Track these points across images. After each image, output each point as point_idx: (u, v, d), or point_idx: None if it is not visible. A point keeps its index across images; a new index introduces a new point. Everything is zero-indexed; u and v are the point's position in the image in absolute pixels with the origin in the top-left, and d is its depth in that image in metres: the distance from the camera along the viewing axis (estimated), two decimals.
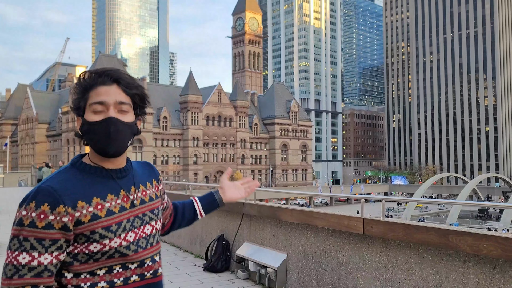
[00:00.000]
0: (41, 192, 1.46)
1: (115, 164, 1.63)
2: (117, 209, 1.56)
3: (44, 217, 1.42)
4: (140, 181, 1.71)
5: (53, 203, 1.44)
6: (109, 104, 1.55)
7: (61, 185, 1.49)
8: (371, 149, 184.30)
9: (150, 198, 1.71)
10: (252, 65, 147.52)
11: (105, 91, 1.56)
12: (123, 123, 1.57)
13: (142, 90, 1.65)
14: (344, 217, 5.02)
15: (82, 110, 1.58)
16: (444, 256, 3.96)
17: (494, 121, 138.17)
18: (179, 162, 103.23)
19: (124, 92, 1.59)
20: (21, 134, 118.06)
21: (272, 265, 6.09)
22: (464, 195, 64.07)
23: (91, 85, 1.57)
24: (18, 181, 42.32)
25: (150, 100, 1.71)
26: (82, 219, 1.48)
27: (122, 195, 1.60)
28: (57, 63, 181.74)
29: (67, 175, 1.55)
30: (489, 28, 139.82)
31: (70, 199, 1.47)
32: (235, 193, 2.12)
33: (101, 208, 1.52)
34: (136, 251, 1.59)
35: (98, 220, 1.50)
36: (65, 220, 1.45)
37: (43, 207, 1.43)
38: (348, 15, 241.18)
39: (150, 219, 1.67)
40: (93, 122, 1.54)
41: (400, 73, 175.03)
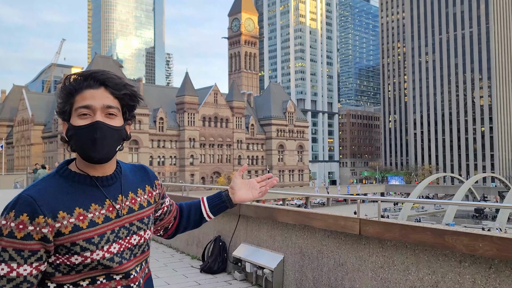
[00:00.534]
0: (21, 202, 1.40)
1: (101, 171, 1.56)
2: (100, 220, 1.49)
3: (23, 227, 1.37)
4: (130, 188, 1.63)
5: (32, 213, 1.38)
6: (96, 108, 1.48)
7: (42, 195, 1.43)
8: (368, 150, 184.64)
9: (140, 206, 1.64)
10: (249, 66, 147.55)
11: (91, 94, 1.49)
12: (111, 128, 1.50)
13: (131, 88, 1.57)
14: (340, 217, 5.02)
15: (67, 115, 1.52)
16: (440, 256, 3.97)
17: (489, 121, 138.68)
18: (176, 163, 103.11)
19: (112, 95, 1.52)
20: (16, 136, 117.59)
21: (269, 266, 6.09)
22: (460, 195, 64.25)
23: (76, 89, 1.50)
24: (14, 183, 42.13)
25: (143, 98, 1.64)
26: (62, 230, 1.42)
27: (107, 205, 1.53)
28: (52, 64, 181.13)
29: (50, 183, 1.49)
30: (484, 29, 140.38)
31: (50, 209, 1.41)
32: (247, 193, 1.93)
33: (83, 219, 1.45)
34: (121, 263, 1.52)
35: (79, 232, 1.43)
36: (45, 231, 1.39)
37: (22, 217, 1.38)
38: (344, 15, 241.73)
39: (138, 229, 1.60)
40: (79, 127, 1.48)
41: (396, 73, 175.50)
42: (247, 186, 1.93)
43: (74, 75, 1.54)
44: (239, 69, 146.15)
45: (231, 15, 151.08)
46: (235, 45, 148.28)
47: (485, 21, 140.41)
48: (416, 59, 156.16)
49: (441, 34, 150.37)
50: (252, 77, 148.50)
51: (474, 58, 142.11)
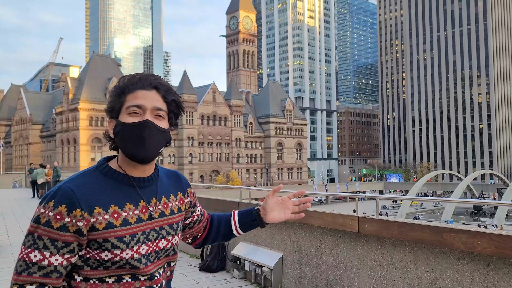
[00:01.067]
0: (61, 193, 1.45)
1: (141, 171, 1.59)
2: (133, 220, 1.52)
3: (60, 218, 1.42)
4: (164, 193, 1.66)
5: (71, 206, 1.43)
6: (146, 108, 1.53)
7: (81, 189, 1.47)
8: (366, 147, 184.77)
9: (171, 212, 1.66)
10: (247, 64, 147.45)
11: (143, 95, 1.54)
12: (158, 128, 1.54)
13: (179, 97, 1.63)
14: (339, 215, 5.02)
15: (116, 112, 1.56)
16: (439, 253, 3.98)
17: (488, 118, 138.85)
18: (174, 162, 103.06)
19: (162, 98, 1.57)
20: (14, 135, 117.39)
21: (267, 264, 6.09)
22: (458, 192, 64.33)
23: (129, 88, 1.55)
24: (12, 182, 42.11)
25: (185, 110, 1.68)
26: (96, 225, 1.45)
27: (141, 206, 1.56)
28: (50, 63, 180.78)
29: (89, 178, 1.53)
30: (482, 26, 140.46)
31: (88, 204, 1.45)
32: (279, 215, 1.87)
33: (117, 216, 1.49)
34: (146, 265, 1.55)
35: (113, 229, 1.47)
36: (80, 224, 1.43)
37: (60, 208, 1.42)
38: (342, 13, 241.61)
39: (167, 234, 1.62)
40: (128, 124, 1.52)
41: (394, 71, 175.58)
42: (279, 206, 1.88)
43: (129, 76, 1.60)
44: (237, 68, 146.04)
45: (229, 13, 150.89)
46: (233, 43, 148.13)
47: (483, 18, 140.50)
48: (414, 57, 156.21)
49: (439, 32, 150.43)
50: (250, 75, 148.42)
51: (472, 55, 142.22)
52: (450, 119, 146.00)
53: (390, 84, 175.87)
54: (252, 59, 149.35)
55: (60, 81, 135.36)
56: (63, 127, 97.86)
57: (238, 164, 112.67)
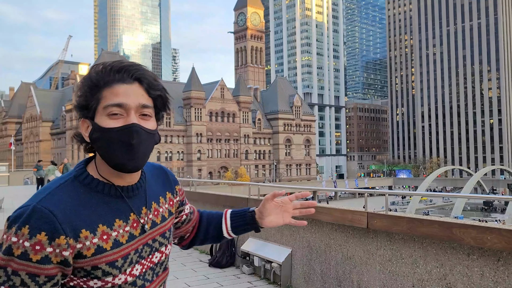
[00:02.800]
0: (37, 216, 1.13)
1: (127, 179, 1.31)
2: (125, 239, 1.25)
3: (40, 249, 1.11)
4: (153, 198, 1.40)
5: (52, 233, 1.12)
6: (130, 108, 1.23)
7: (62, 208, 1.16)
8: (375, 143, 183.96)
9: (162, 218, 1.41)
10: (255, 60, 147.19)
11: (124, 90, 1.23)
12: (147, 132, 1.25)
13: (165, 93, 1.33)
14: (348, 211, 5.03)
15: (91, 112, 1.24)
16: (448, 249, 3.97)
17: (498, 113, 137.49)
18: (183, 158, 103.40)
19: (146, 93, 1.26)
20: (25, 133, 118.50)
21: (277, 260, 6.12)
22: (468, 187, 63.89)
23: (106, 82, 1.23)
24: (24, 179, 42.54)
25: (171, 108, 1.40)
26: (84, 252, 1.18)
27: (132, 220, 1.29)
28: (60, 61, 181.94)
29: (68, 192, 1.22)
30: (493, 20, 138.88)
31: (72, 227, 1.16)
32: (277, 219, 1.61)
33: (107, 238, 1.21)
34: (143, 286, 1.29)
35: (103, 254, 1.20)
36: (66, 254, 1.14)
37: (39, 236, 1.11)
38: (350, 8, 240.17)
39: (160, 245, 1.37)
40: (110, 129, 1.21)
41: (403, 66, 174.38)
42: (278, 209, 1.61)
43: (103, 65, 1.27)
44: (245, 64, 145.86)
45: (237, 9, 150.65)
46: (241, 39, 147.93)
47: (493, 12, 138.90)
48: (424, 52, 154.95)
49: (448, 26, 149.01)
50: (258, 72, 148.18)
51: (482, 49, 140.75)
52: (460, 114, 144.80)
53: (399, 79, 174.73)
54: (260, 55, 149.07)
55: (70, 78, 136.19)
56: (72, 125, 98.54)
57: (246, 160, 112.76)
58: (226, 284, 6.33)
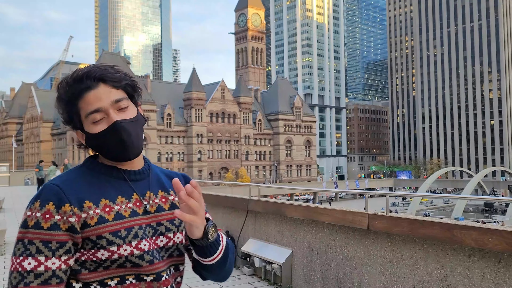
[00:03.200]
0: (46, 191, 1.30)
1: (130, 165, 1.44)
2: (127, 213, 1.35)
3: (49, 217, 1.26)
4: (160, 187, 1.49)
5: (59, 202, 1.28)
6: (107, 108, 1.35)
7: (67, 183, 1.33)
8: (376, 144, 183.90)
9: (172, 205, 1.47)
10: (255, 61, 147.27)
11: (94, 96, 1.34)
12: (131, 122, 1.38)
13: (130, 78, 1.43)
14: (348, 212, 5.03)
15: (78, 123, 1.39)
16: (449, 250, 3.97)
17: (499, 114, 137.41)
18: (184, 159, 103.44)
19: (114, 88, 1.38)
20: (26, 133, 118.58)
21: (277, 261, 6.12)
22: (469, 189, 63.84)
23: (75, 95, 1.36)
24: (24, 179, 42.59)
25: (142, 88, 1.46)
26: (88, 221, 1.29)
27: (135, 199, 1.40)
28: (61, 61, 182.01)
29: (75, 174, 1.39)
30: (493, 21, 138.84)
31: (77, 198, 1.30)
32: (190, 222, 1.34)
33: (109, 210, 1.33)
34: (152, 262, 1.35)
35: (105, 224, 1.31)
36: (72, 220, 1.28)
37: (48, 206, 1.27)
38: (351, 9, 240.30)
39: (167, 230, 1.42)
40: (99, 134, 1.35)
41: (404, 67, 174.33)
42: None
43: (65, 80, 1.40)
44: (246, 65, 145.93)
45: (237, 10, 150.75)
46: (241, 40, 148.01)
47: (494, 13, 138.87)
48: (424, 53, 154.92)
49: (449, 27, 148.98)
50: (259, 72, 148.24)
51: (483, 51, 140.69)
52: (461, 115, 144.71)
53: (399, 80, 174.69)
54: (261, 56, 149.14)
55: None
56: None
57: (247, 161, 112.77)
58: (226, 285, 6.32)
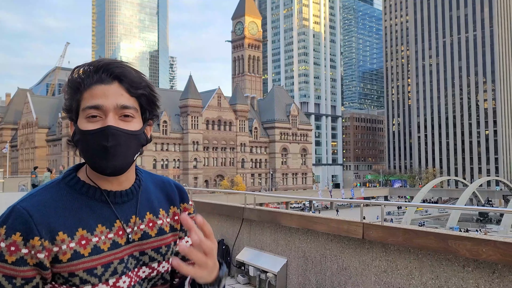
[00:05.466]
0: (14, 216, 1.10)
1: (117, 184, 1.23)
2: (106, 246, 1.16)
3: (15, 249, 1.07)
4: (149, 208, 1.28)
5: (27, 233, 1.08)
6: (108, 109, 1.16)
7: (40, 209, 1.12)
8: (371, 153, 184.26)
9: (160, 231, 1.28)
10: (252, 69, 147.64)
11: (102, 91, 1.17)
12: (126, 134, 1.18)
13: (150, 90, 1.23)
14: (343, 221, 5.03)
15: (75, 115, 1.21)
16: (444, 260, 3.97)
17: (494, 124, 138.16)
18: (179, 166, 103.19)
19: (127, 92, 1.19)
20: (21, 139, 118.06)
21: (272, 270, 6.09)
22: (464, 198, 63.96)
23: (85, 83, 1.18)
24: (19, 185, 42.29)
25: (160, 106, 1.28)
26: (60, 256, 1.11)
27: (117, 228, 1.20)
28: (57, 67, 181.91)
29: (51, 193, 1.17)
30: (488, 32, 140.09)
31: (48, 228, 1.10)
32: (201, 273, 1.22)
33: (85, 243, 1.13)
34: None
35: (80, 260, 1.12)
36: (41, 256, 1.09)
37: (14, 236, 1.08)
38: (348, 19, 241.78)
39: (150, 260, 1.24)
40: (86, 132, 1.16)
41: (399, 76, 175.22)
42: None
43: (84, 66, 1.23)
44: (243, 73, 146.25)
45: (234, 18, 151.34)
46: (238, 48, 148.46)
47: (489, 24, 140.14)
48: (420, 62, 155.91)
49: (444, 37, 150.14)
50: (255, 80, 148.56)
51: (478, 61, 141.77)
52: (456, 125, 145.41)
53: (395, 89, 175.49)
54: (258, 64, 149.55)
55: None
56: (69, 131, 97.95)
57: (242, 169, 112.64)
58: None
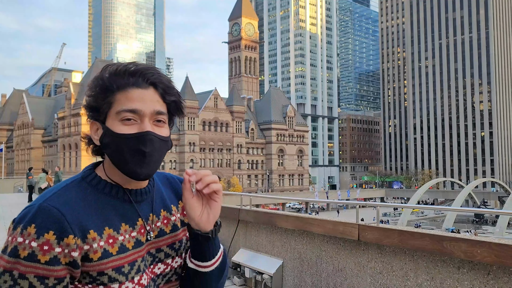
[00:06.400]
0: (44, 214, 1.07)
1: (135, 183, 1.24)
2: (131, 245, 1.18)
3: (48, 249, 1.04)
4: (163, 205, 1.31)
5: (61, 232, 1.06)
6: (145, 114, 1.17)
7: (69, 208, 1.11)
8: (368, 154, 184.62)
9: (174, 227, 1.30)
10: (249, 70, 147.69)
11: (139, 95, 1.17)
12: (161, 140, 1.20)
13: (180, 98, 1.27)
14: (339, 223, 5.03)
15: (103, 115, 1.19)
16: (439, 262, 3.98)
17: (489, 126, 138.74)
18: (176, 168, 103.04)
19: (161, 98, 1.21)
20: (16, 140, 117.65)
21: (268, 271, 6.09)
22: (460, 200, 64.16)
23: (119, 85, 1.18)
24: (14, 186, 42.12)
25: (184, 111, 1.31)
26: (90, 255, 1.10)
27: (139, 226, 1.22)
28: (53, 68, 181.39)
29: (75, 192, 1.16)
30: (484, 34, 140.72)
31: (80, 227, 1.10)
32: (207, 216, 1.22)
33: (113, 242, 1.14)
34: None
35: (109, 259, 1.12)
36: (75, 255, 1.08)
37: (47, 235, 1.05)
38: (344, 20, 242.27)
39: (166, 256, 1.26)
40: (122, 135, 1.15)
41: (396, 78, 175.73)
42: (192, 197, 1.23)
43: (117, 67, 1.21)
44: (239, 74, 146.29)
45: (231, 19, 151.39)
46: (235, 49, 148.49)
47: (485, 26, 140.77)
48: (416, 64, 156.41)
49: (441, 39, 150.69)
50: (252, 82, 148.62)
51: (474, 63, 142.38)
52: (452, 126, 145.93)
53: (391, 91, 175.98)
54: (254, 66, 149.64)
55: (63, 86, 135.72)
56: (65, 132, 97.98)
57: (239, 170, 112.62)
58: None
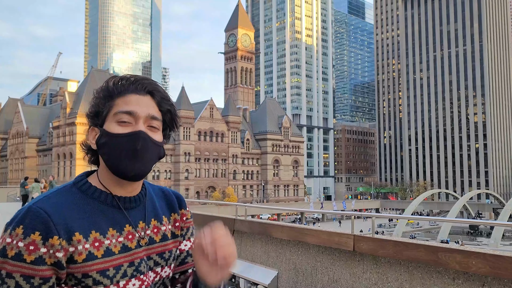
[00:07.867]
0: (31, 216, 1.13)
1: (127, 190, 1.30)
2: (117, 249, 1.22)
3: (34, 249, 1.10)
4: (154, 215, 1.36)
5: (46, 232, 1.12)
6: (140, 116, 1.25)
7: (57, 210, 1.16)
8: (363, 165, 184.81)
9: (163, 237, 1.35)
10: (245, 81, 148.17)
11: (136, 100, 1.27)
12: (153, 141, 1.27)
13: (175, 109, 1.36)
14: (334, 233, 5.02)
15: (102, 120, 1.27)
16: (434, 273, 3.97)
17: (483, 137, 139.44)
18: (170, 178, 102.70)
19: (157, 106, 1.31)
20: (10, 149, 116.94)
21: (262, 282, 6.06)
22: (455, 211, 64.20)
23: (119, 91, 1.28)
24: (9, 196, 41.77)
25: (178, 125, 1.39)
26: (75, 256, 1.15)
27: (127, 232, 1.26)
28: (48, 77, 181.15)
29: (65, 197, 1.22)
30: (478, 46, 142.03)
31: (66, 228, 1.15)
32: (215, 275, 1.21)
33: (98, 245, 1.19)
34: None
35: (94, 261, 1.17)
36: (59, 255, 1.13)
37: (33, 236, 1.10)
38: (340, 32, 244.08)
39: (155, 264, 1.31)
40: (117, 135, 1.23)
41: (391, 89, 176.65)
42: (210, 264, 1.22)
43: (119, 77, 1.34)
44: (235, 84, 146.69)
45: (227, 30, 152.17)
46: (231, 60, 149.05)
47: (479, 39, 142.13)
48: (411, 76, 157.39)
49: (435, 52, 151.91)
50: (248, 92, 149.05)
51: (468, 75, 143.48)
52: (446, 138, 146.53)
53: (386, 102, 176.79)
54: (250, 76, 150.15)
55: (58, 95, 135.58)
56: (59, 141, 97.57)
57: (234, 180, 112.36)
58: None
